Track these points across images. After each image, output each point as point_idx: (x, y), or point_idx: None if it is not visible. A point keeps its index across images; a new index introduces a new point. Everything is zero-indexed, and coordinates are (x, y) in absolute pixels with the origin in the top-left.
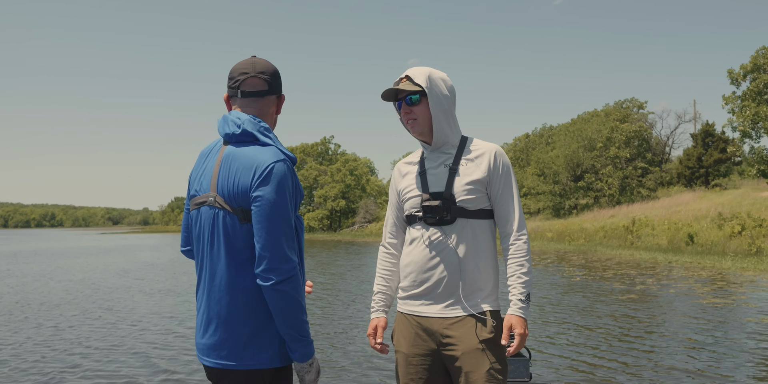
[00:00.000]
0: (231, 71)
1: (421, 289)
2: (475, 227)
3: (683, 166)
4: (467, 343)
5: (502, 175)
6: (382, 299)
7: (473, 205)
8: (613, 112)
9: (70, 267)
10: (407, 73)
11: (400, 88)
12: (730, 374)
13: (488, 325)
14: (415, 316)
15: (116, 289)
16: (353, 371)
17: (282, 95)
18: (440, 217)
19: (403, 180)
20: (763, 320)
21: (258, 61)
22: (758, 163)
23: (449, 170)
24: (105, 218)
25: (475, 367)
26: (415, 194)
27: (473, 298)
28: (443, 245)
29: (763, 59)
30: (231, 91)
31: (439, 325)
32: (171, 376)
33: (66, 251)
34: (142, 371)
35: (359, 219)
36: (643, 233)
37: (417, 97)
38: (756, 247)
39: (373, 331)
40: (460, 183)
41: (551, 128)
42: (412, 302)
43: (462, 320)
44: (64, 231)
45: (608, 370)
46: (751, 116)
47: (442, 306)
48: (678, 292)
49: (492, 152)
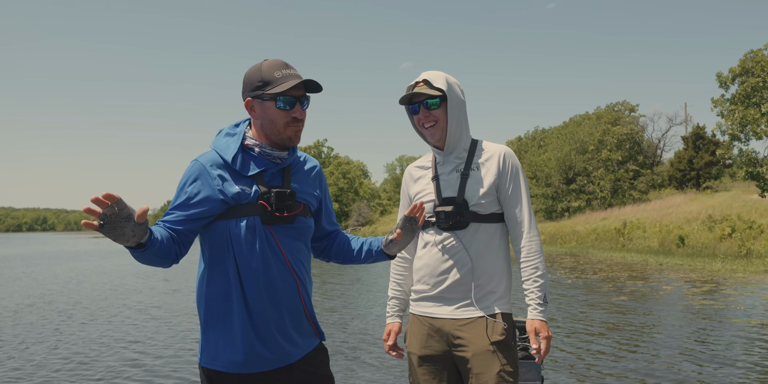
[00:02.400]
0: None
1: (434, 292)
2: (487, 231)
3: (674, 169)
4: (478, 345)
5: (512, 176)
6: (397, 305)
7: (485, 209)
8: (605, 115)
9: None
10: (425, 76)
11: (418, 92)
12: (719, 379)
13: (499, 328)
14: (427, 317)
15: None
16: (365, 372)
17: (246, 100)
18: (454, 223)
19: (416, 185)
20: (750, 322)
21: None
22: (746, 166)
23: (461, 175)
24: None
25: (486, 369)
26: (429, 199)
27: (485, 300)
28: (456, 249)
29: (752, 63)
30: None
31: (450, 326)
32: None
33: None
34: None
35: (352, 222)
36: (635, 235)
37: (437, 101)
38: (746, 249)
39: (388, 336)
40: (472, 188)
41: (543, 131)
42: (424, 304)
43: (474, 322)
44: (57, 235)
45: (599, 371)
46: (739, 119)
47: (454, 307)
48: (667, 294)
49: (501, 154)
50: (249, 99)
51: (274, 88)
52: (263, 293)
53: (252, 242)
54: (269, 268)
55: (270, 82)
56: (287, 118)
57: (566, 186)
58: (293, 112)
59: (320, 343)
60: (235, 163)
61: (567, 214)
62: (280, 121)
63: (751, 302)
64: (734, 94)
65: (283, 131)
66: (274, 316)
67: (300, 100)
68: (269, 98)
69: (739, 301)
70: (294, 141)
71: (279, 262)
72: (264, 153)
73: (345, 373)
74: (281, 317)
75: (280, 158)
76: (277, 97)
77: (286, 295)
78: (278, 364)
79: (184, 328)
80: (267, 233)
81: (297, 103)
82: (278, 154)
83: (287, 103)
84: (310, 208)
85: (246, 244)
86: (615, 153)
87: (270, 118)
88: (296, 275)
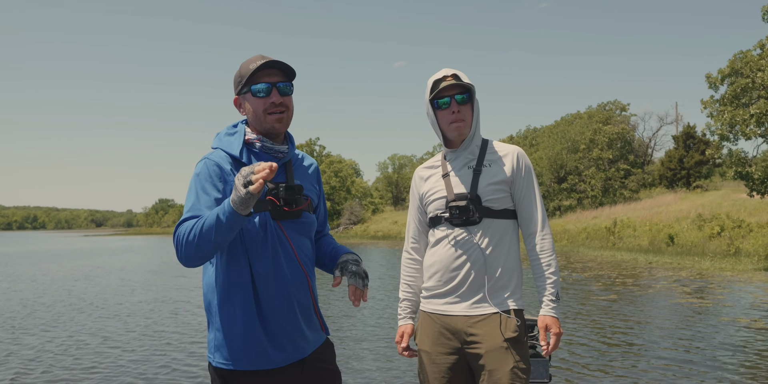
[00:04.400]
0: None
1: (446, 288)
2: (499, 227)
3: (665, 168)
4: (491, 341)
5: (525, 176)
6: (409, 306)
7: (498, 205)
8: (596, 114)
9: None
10: (452, 71)
11: (451, 83)
12: (706, 376)
13: (513, 324)
14: (439, 314)
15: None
16: (376, 372)
17: (234, 98)
18: (467, 218)
19: (426, 183)
20: (738, 320)
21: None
22: (735, 165)
23: (473, 171)
24: (88, 220)
25: (499, 366)
26: (440, 196)
27: (498, 296)
28: (469, 245)
29: (741, 63)
30: None
31: (463, 323)
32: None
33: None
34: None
35: (344, 221)
36: (625, 234)
37: (467, 97)
38: (734, 248)
39: (401, 338)
40: (485, 183)
41: (535, 130)
42: (436, 301)
43: (487, 318)
44: (48, 233)
45: (586, 366)
46: (729, 119)
47: (467, 304)
48: (656, 292)
49: (515, 153)
50: (236, 97)
51: (244, 80)
52: (276, 289)
53: (263, 238)
54: (280, 263)
55: (245, 75)
56: (265, 105)
57: (557, 185)
58: (270, 98)
59: (327, 338)
60: (242, 159)
61: (558, 212)
62: (259, 109)
63: (738, 300)
64: (723, 95)
65: (264, 120)
66: (286, 312)
67: (276, 85)
68: (247, 90)
69: (727, 300)
70: (278, 128)
71: (289, 258)
72: (265, 147)
73: (351, 368)
74: (293, 312)
75: (282, 152)
76: (250, 86)
77: (297, 290)
78: (292, 359)
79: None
80: (277, 229)
81: (273, 88)
82: (279, 148)
83: (260, 90)
84: (312, 203)
85: (258, 241)
86: (606, 152)
87: (252, 109)
88: (305, 270)
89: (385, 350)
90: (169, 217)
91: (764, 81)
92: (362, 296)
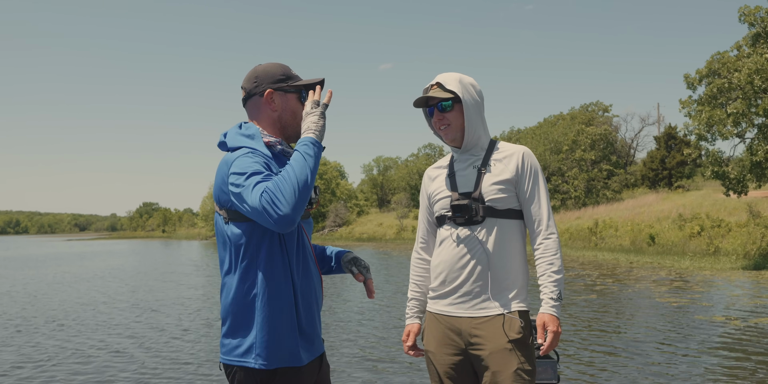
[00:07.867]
0: None
1: (450, 287)
2: (504, 227)
3: (647, 168)
4: (495, 343)
5: (531, 175)
6: (416, 306)
7: (502, 204)
8: (579, 115)
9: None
10: (438, 79)
11: (431, 95)
12: (683, 374)
13: (517, 325)
14: (444, 315)
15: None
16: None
17: (266, 91)
18: (469, 217)
19: (433, 183)
20: (714, 318)
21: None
22: (712, 165)
23: (477, 171)
24: (71, 224)
25: (503, 367)
26: (445, 195)
27: (502, 297)
28: (472, 244)
29: (718, 64)
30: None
31: (467, 324)
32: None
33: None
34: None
35: (329, 223)
36: (607, 234)
37: (449, 104)
38: (714, 247)
39: (407, 337)
40: (488, 183)
41: (519, 131)
42: (441, 301)
43: (491, 320)
44: (31, 238)
45: (567, 367)
46: (706, 119)
47: (470, 305)
48: (636, 291)
49: (521, 153)
50: (270, 90)
51: (298, 82)
52: (306, 287)
53: (293, 236)
54: (307, 262)
55: (292, 77)
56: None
57: None
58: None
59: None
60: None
61: None
62: (301, 112)
63: (716, 299)
64: (701, 95)
65: (299, 123)
66: (313, 309)
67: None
68: (293, 90)
69: (705, 298)
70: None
71: (309, 256)
72: (284, 151)
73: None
74: (317, 310)
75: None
76: (301, 89)
77: (318, 287)
78: (317, 353)
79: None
80: (299, 227)
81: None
82: (290, 151)
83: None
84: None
85: (293, 239)
86: (589, 153)
87: (292, 109)
88: (319, 268)
89: (358, 351)
90: (153, 220)
91: (741, 82)
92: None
